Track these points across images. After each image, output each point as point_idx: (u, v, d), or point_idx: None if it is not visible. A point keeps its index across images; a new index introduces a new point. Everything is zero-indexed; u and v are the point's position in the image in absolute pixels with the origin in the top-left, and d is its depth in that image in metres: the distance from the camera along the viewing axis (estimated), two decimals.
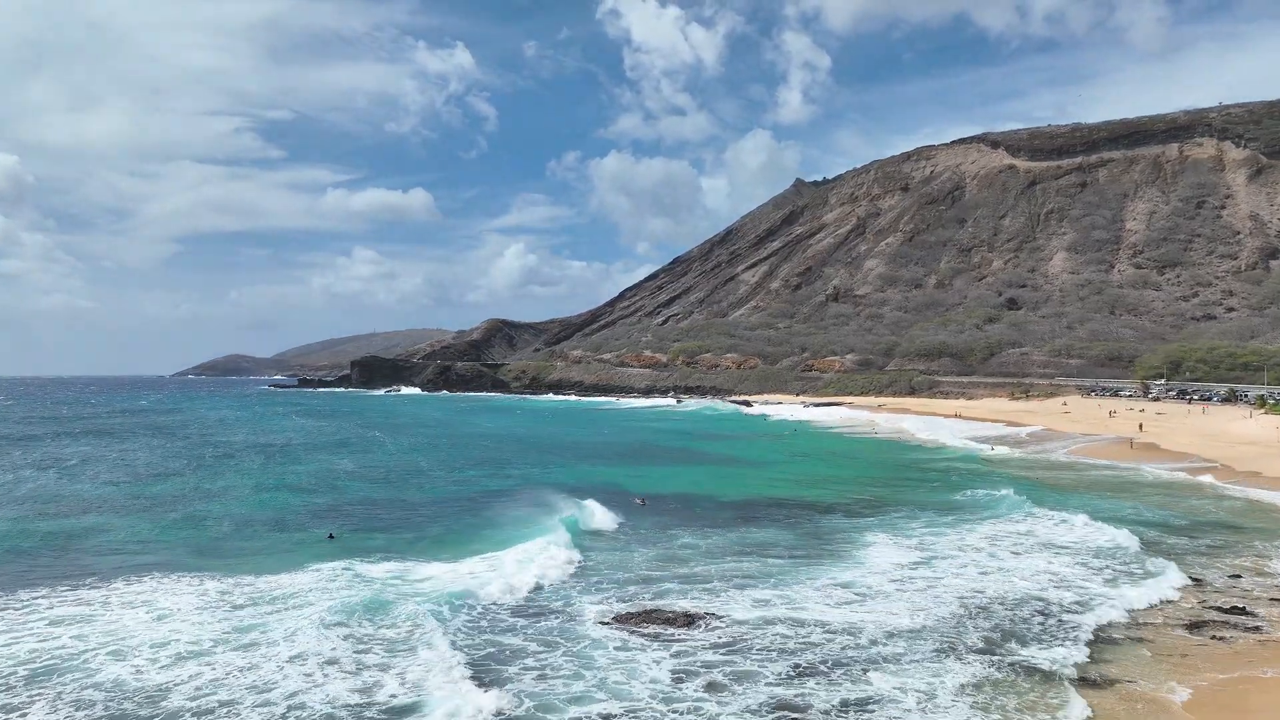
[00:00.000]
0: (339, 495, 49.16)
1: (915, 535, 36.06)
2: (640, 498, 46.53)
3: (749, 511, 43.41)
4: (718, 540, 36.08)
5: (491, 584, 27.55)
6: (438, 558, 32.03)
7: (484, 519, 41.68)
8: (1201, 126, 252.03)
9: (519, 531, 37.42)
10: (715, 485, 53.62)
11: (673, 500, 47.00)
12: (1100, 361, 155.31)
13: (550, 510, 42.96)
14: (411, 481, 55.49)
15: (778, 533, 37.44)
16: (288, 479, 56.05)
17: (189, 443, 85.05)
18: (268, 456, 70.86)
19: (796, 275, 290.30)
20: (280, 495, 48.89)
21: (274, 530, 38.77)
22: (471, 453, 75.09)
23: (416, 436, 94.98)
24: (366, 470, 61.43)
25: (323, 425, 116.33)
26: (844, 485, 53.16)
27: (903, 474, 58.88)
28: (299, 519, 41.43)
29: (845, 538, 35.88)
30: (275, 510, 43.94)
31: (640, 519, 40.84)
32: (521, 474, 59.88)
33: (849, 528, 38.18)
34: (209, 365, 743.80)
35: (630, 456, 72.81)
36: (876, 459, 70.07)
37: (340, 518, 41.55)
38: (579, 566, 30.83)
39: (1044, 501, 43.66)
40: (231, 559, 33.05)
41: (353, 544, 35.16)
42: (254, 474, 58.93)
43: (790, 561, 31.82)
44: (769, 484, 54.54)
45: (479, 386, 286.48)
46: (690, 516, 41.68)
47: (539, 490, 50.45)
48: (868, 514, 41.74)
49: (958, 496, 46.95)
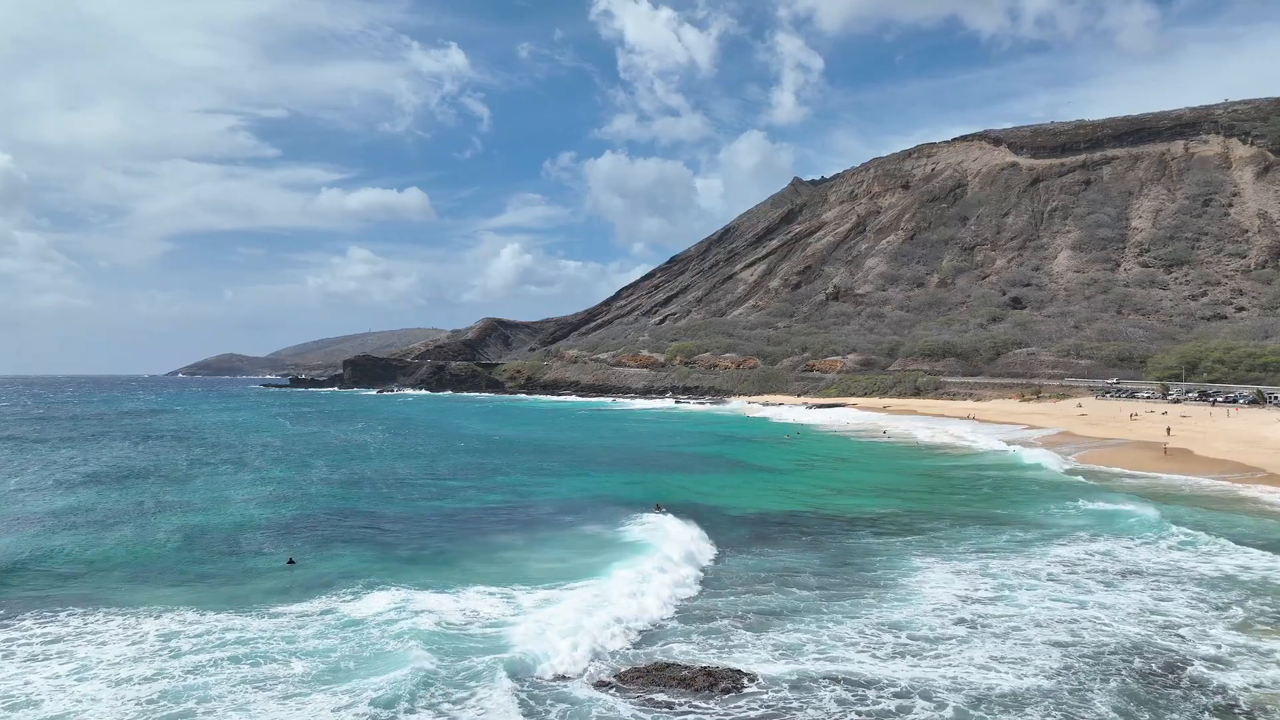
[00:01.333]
0: (309, 507, 44.31)
1: (969, 558, 31.24)
2: (658, 506, 41.90)
3: (764, 528, 38.76)
4: (733, 564, 31.48)
5: (463, 618, 22.92)
6: (419, 585, 27.32)
7: (469, 539, 36.95)
8: (1207, 123, 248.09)
9: (507, 556, 32.76)
10: (723, 495, 48.94)
11: (679, 513, 42.35)
12: (1111, 362, 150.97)
13: (545, 527, 38.35)
14: (389, 492, 50.65)
15: (801, 555, 32.74)
16: (256, 488, 51.19)
17: (160, 445, 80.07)
18: (239, 462, 65.94)
19: (796, 274, 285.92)
20: (245, 508, 44.06)
21: (230, 553, 33.93)
22: (458, 459, 70.24)
23: (401, 440, 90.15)
24: (342, 478, 56.57)
25: (305, 429, 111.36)
26: (866, 496, 48.47)
27: (929, 483, 54.21)
28: (261, 537, 36.63)
29: (883, 562, 31.17)
30: (236, 526, 39.13)
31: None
32: (512, 484, 55.12)
33: (883, 549, 33.48)
34: (203, 364, 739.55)
35: (629, 462, 68.09)
36: (894, 465, 65.43)
37: (307, 536, 36.77)
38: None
39: (1113, 518, 38.85)
40: (179, 588, 28.41)
41: (318, 569, 30.39)
42: (221, 482, 54.06)
43: (821, 594, 27.14)
44: (782, 494, 49.88)
45: (473, 386, 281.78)
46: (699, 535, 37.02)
47: (531, 504, 45.79)
48: (903, 531, 37.04)
49: (1000, 510, 42.24)
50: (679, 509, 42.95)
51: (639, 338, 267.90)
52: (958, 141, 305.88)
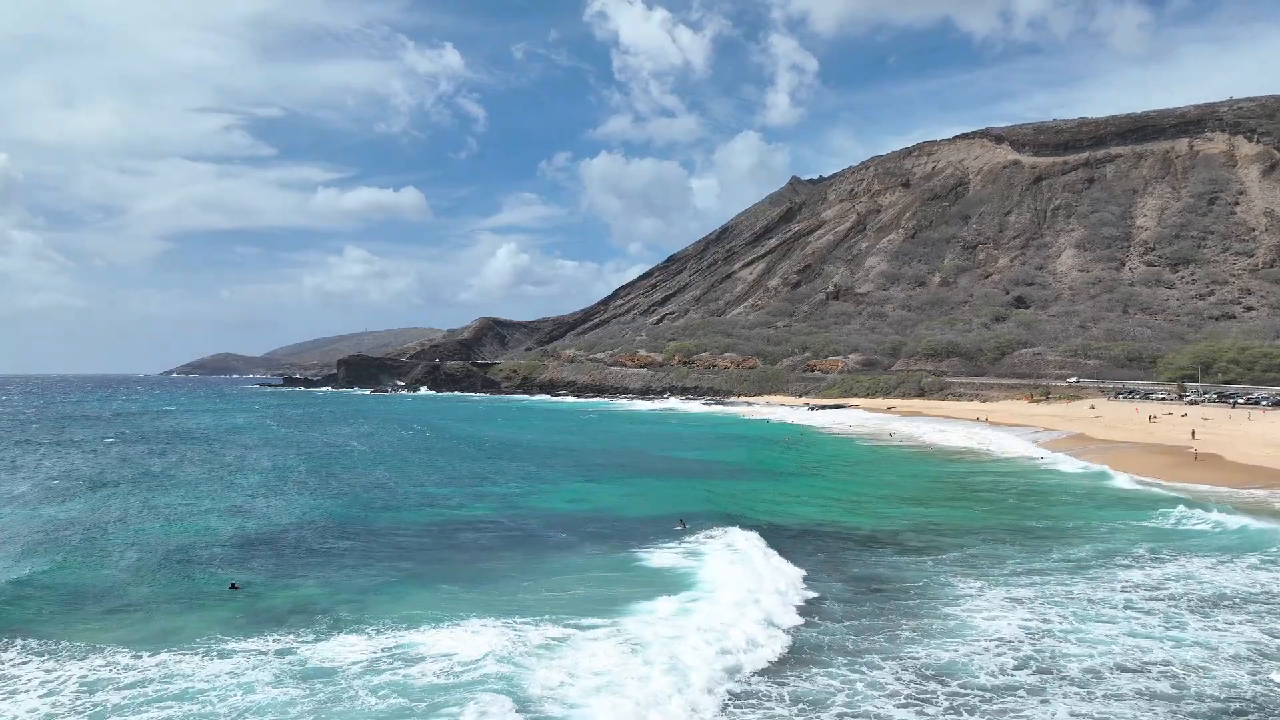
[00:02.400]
0: (278, 519, 40.62)
1: (1019, 581, 27.48)
2: (681, 522, 38.24)
3: (778, 542, 35.11)
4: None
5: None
6: (392, 621, 23.66)
7: (455, 561, 33.32)
8: (1212, 121, 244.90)
9: (503, 585, 29.13)
10: (731, 504, 45.30)
11: (672, 521, 38.76)
12: (1120, 362, 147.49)
13: (545, 547, 34.73)
14: (368, 502, 46.98)
15: (821, 578, 29.11)
16: (225, 497, 47.52)
17: (134, 448, 76.31)
18: (214, 467, 62.17)
19: (795, 273, 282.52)
20: (208, 520, 40.39)
21: (180, 574, 30.28)
22: (447, 465, 66.53)
23: (387, 443, 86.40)
24: (319, 486, 52.84)
25: (289, 431, 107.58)
26: (884, 506, 44.89)
27: (948, 491, 50.58)
28: (219, 555, 32.97)
29: (918, 586, 27.56)
30: (193, 541, 35.46)
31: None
32: (505, 494, 51.46)
33: (914, 570, 29.87)
34: (198, 364, 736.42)
35: (629, 468, 64.47)
36: (907, 470, 61.82)
37: (268, 555, 33.09)
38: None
39: (1171, 532, 35.09)
40: (115, 616, 25.17)
41: (271, 599, 26.72)
42: (189, 490, 50.36)
43: (849, 627, 23.55)
44: (793, 502, 46.30)
45: (468, 386, 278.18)
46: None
47: (527, 518, 42.14)
48: (931, 548, 33.42)
49: (1035, 522, 38.63)
50: (674, 520, 39.36)
51: (636, 337, 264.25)
52: (959, 139, 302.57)
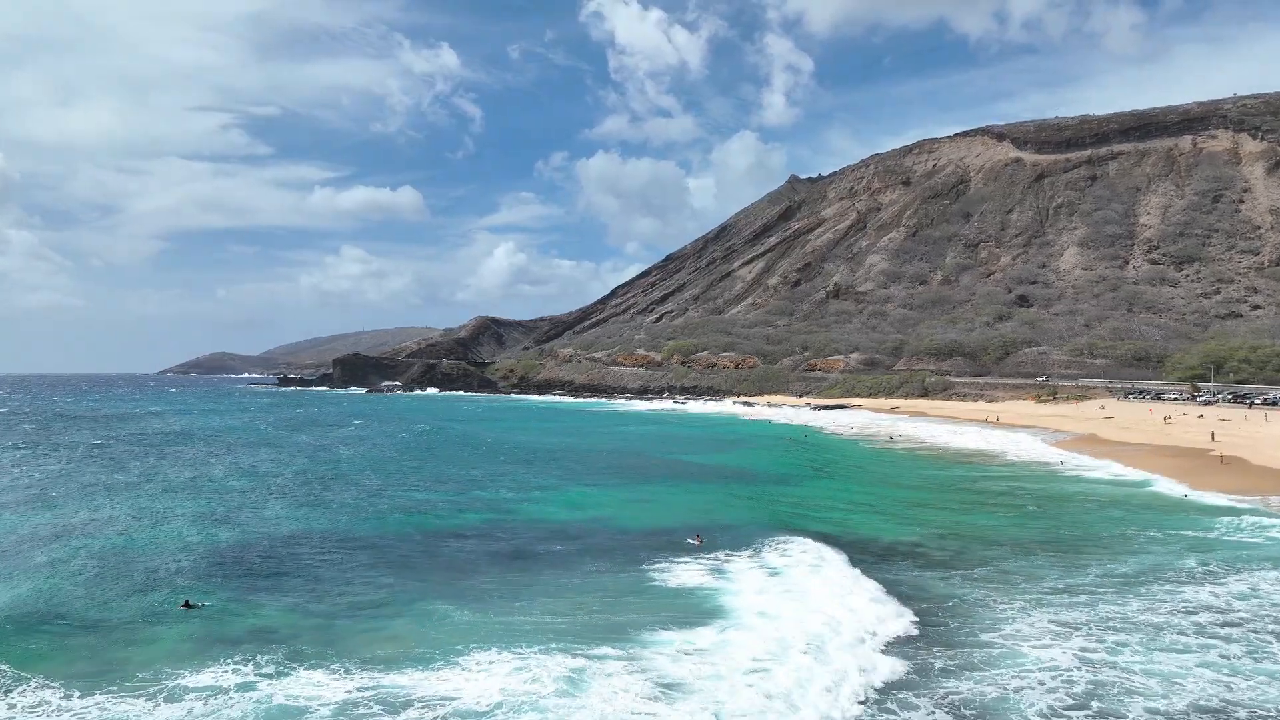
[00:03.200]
0: (252, 528, 37.89)
1: (1063, 601, 24.76)
2: (698, 536, 35.51)
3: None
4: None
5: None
6: (364, 662, 20.96)
7: (442, 577, 30.64)
8: (1215, 118, 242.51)
9: (498, 606, 26.49)
10: (745, 514, 42.63)
11: (684, 534, 36.13)
12: (1126, 361, 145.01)
13: (543, 564, 32.02)
14: (352, 509, 44.22)
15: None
16: (199, 503, 44.78)
17: (113, 450, 73.51)
18: (193, 471, 59.33)
19: (795, 271, 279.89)
20: (177, 530, 37.65)
21: (137, 590, 27.62)
22: (438, 468, 63.77)
23: (375, 445, 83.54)
24: (300, 491, 50.07)
25: (278, 431, 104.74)
26: (901, 513, 42.25)
27: (965, 497, 47.91)
28: (182, 569, 30.28)
29: (949, 605, 24.92)
30: (157, 554, 32.76)
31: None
32: (499, 500, 48.77)
33: (943, 587, 27.21)
34: (195, 363, 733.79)
35: (631, 473, 61.79)
36: (918, 475, 59.18)
37: (234, 569, 30.39)
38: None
39: (1222, 544, 32.41)
40: (59, 641, 22.65)
41: (233, 623, 24.03)
42: (163, 496, 47.57)
43: (881, 654, 20.87)
44: (805, 509, 43.63)
45: (465, 385, 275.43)
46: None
47: (521, 528, 39.45)
48: (958, 562, 30.77)
49: (1067, 531, 35.98)
50: (690, 532, 36.67)
51: (635, 336, 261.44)
52: (960, 137, 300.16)
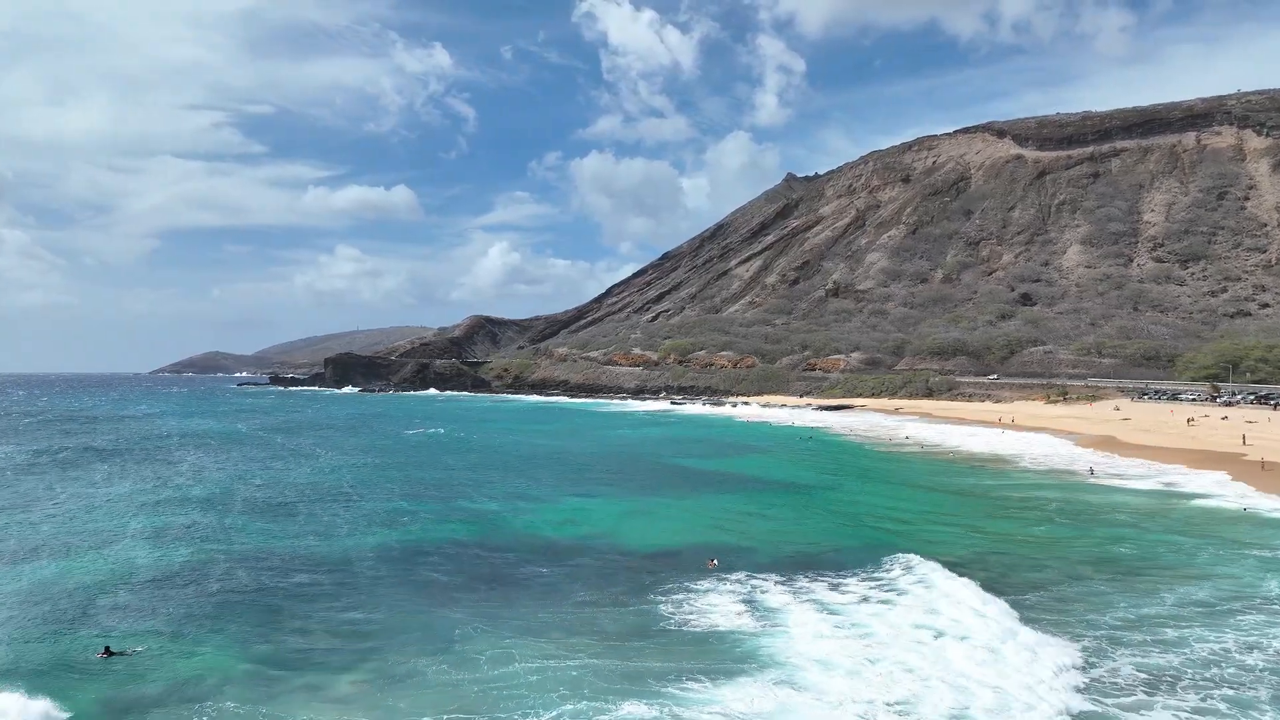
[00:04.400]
0: (211, 547, 33.94)
1: (1146, 638, 20.93)
2: (713, 560, 31.71)
3: (812, 580, 28.64)
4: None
5: None
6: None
7: (415, 608, 26.76)
8: (1220, 114, 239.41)
9: (478, 652, 22.63)
10: (756, 529, 38.85)
11: (696, 556, 32.28)
12: (1136, 361, 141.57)
13: (533, 592, 28.15)
14: (325, 522, 40.29)
15: None
16: (159, 517, 40.83)
17: (75, 454, 69.43)
18: (150, 479, 55.22)
19: (793, 270, 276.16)
20: (127, 550, 33.74)
21: (65, 626, 23.68)
22: (422, 474, 59.84)
23: (358, 449, 79.57)
24: (271, 501, 46.12)
25: (257, 434, 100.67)
26: (930, 528, 38.44)
27: (991, 508, 44.10)
28: (122, 600, 26.36)
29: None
30: (99, 580, 28.83)
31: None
32: (484, 513, 44.94)
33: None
34: (188, 363, 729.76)
35: (631, 480, 57.95)
36: (936, 482, 55.36)
37: (182, 598, 26.50)
38: None
39: None
40: None
41: (155, 675, 20.11)
42: (120, 509, 43.59)
43: None
44: (820, 525, 39.82)
45: (458, 385, 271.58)
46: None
47: (506, 546, 35.57)
48: (1004, 585, 26.92)
49: (1119, 549, 32.22)
50: (699, 551, 32.82)
51: (631, 335, 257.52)
52: (960, 134, 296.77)
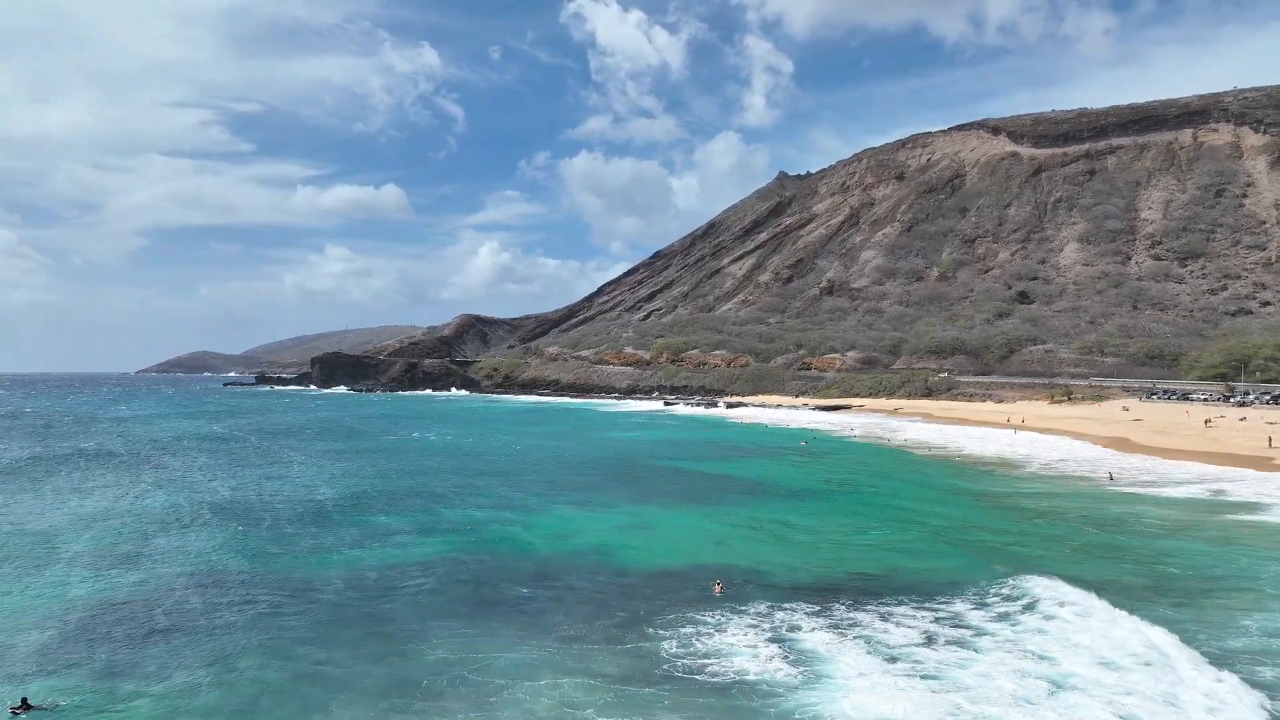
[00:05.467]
0: (154, 571, 30.06)
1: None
2: (718, 584, 28.21)
3: (844, 607, 24.99)
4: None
5: None
6: None
7: (385, 645, 22.99)
8: (1217, 111, 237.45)
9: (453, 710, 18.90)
10: (765, 545, 35.21)
11: (702, 576, 28.59)
12: (1139, 360, 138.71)
13: (516, 614, 24.42)
14: (289, 535, 36.44)
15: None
16: (96, 537, 36.92)
17: (34, 461, 65.31)
18: (108, 487, 51.21)
19: (787, 268, 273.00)
20: (52, 578, 29.79)
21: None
22: (401, 481, 55.90)
23: (337, 452, 75.65)
24: (238, 511, 42.22)
25: (232, 435, 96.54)
26: (956, 546, 34.81)
27: (1013, 517, 40.54)
28: (35, 643, 22.50)
29: None
30: (7, 620, 24.91)
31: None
32: (466, 524, 41.15)
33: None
34: (175, 362, 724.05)
35: (625, 487, 54.24)
36: (955, 487, 51.77)
37: (110, 641, 22.65)
38: None
39: None
40: None
41: None
42: (69, 520, 39.62)
43: None
44: (851, 540, 36.19)
45: (447, 385, 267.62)
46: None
47: (489, 564, 31.80)
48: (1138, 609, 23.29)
49: (1172, 568, 28.59)
50: (707, 572, 29.14)
51: (622, 334, 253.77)
52: (954, 131, 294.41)
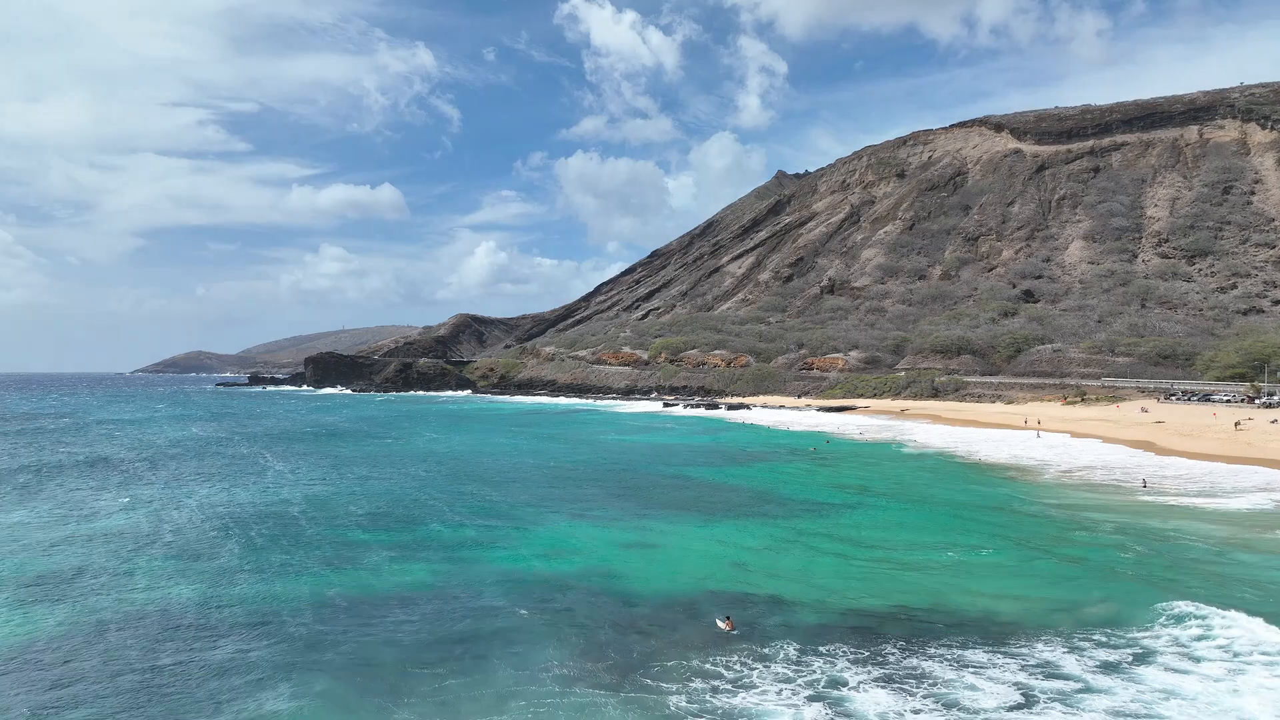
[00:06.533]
0: (93, 602, 25.85)
1: None
2: (725, 619, 24.31)
3: (891, 654, 20.93)
4: None
5: None
6: None
7: (354, 690, 18.89)
8: (1223, 107, 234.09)
9: None
10: (789, 567, 31.14)
11: (716, 606, 24.53)
12: (1152, 360, 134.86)
13: (501, 660, 20.30)
14: (259, 550, 32.27)
15: None
16: (28, 556, 32.72)
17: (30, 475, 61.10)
18: (49, 502, 47.00)
19: (787, 266, 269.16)
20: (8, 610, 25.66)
21: None
22: (383, 491, 51.72)
23: (320, 458, 71.52)
24: (208, 522, 38.05)
25: (211, 437, 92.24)
26: (1015, 565, 30.74)
27: (1087, 541, 36.54)
28: None
29: None
30: None
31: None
32: (451, 541, 37.03)
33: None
34: (170, 362, 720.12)
35: (624, 495, 50.13)
36: (986, 498, 47.74)
37: (36, 680, 18.51)
38: None
39: None
40: None
41: None
42: (30, 530, 35.46)
43: None
44: (881, 560, 32.16)
45: (442, 385, 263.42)
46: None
47: (474, 592, 27.69)
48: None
49: (1262, 600, 24.59)
50: (718, 601, 25.04)
51: (620, 334, 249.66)
52: (955, 128, 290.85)
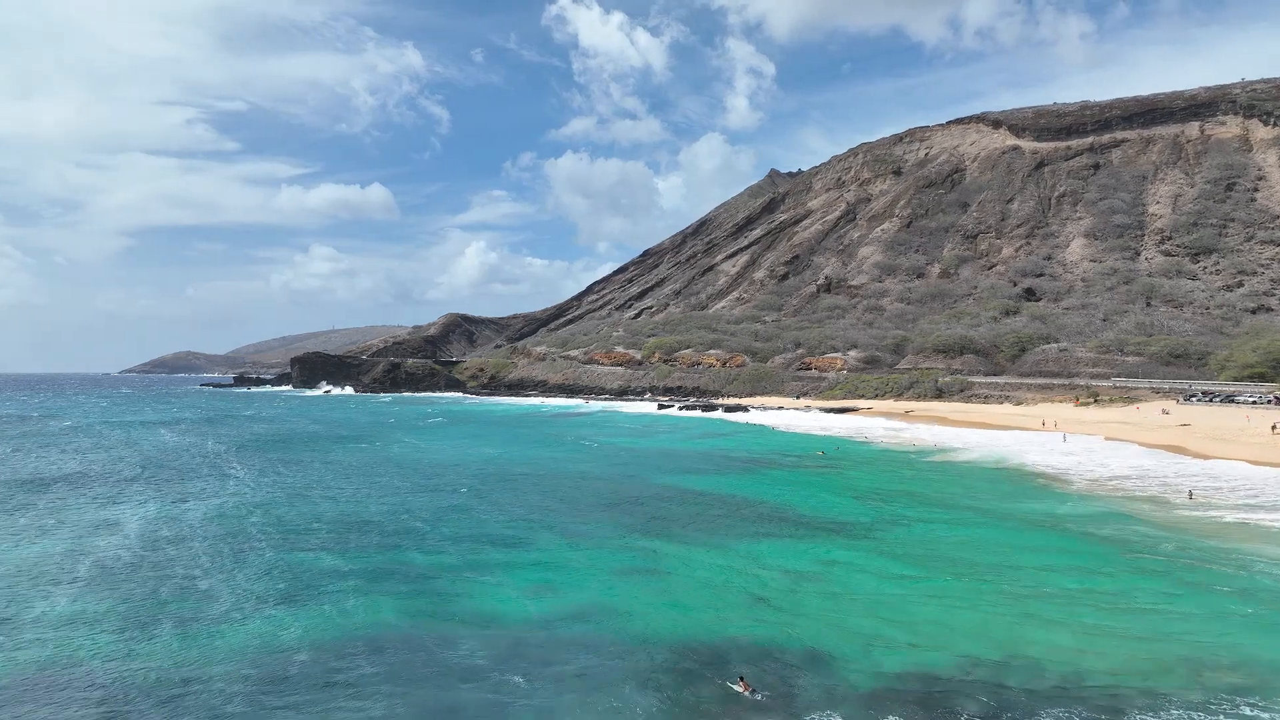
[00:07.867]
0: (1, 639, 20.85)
1: None
2: (742, 680, 19.70)
3: None
4: None
5: None
6: None
7: None
8: (1224, 103, 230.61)
9: None
10: (813, 608, 26.29)
11: (736, 655, 19.63)
12: (1163, 359, 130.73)
13: None
14: (210, 577, 27.25)
15: None
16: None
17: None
18: (13, 521, 41.85)
19: (782, 265, 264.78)
20: None
21: None
22: (357, 507, 46.62)
23: (290, 468, 66.37)
24: (124, 550, 32.93)
25: (187, 441, 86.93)
26: (1079, 610, 25.99)
27: (1162, 571, 31.86)
28: None
29: None
30: None
31: None
32: (427, 571, 32.08)
33: None
34: (159, 362, 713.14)
35: (623, 511, 45.16)
36: (1029, 512, 43.00)
37: None
38: None
39: None
40: None
41: None
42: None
43: None
44: (934, 599, 27.34)
45: (431, 386, 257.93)
46: None
47: (448, 640, 22.76)
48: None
49: None
50: (736, 650, 20.11)
51: (613, 333, 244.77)
52: (953, 124, 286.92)
